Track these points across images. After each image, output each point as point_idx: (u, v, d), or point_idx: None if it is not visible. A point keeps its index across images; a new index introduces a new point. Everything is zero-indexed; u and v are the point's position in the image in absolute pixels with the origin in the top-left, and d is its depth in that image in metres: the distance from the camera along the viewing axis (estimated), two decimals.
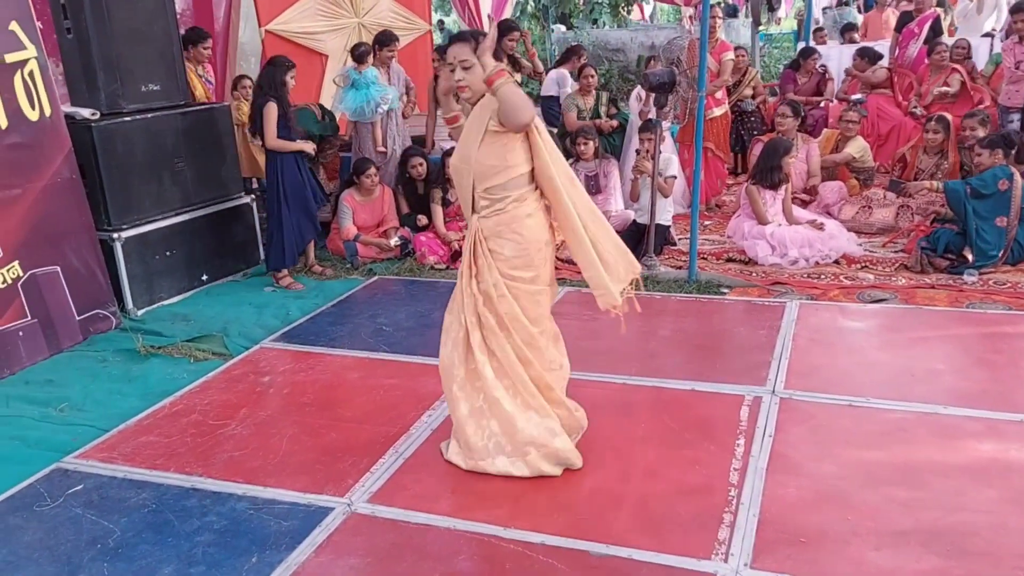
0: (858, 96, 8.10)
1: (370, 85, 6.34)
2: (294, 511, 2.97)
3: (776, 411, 3.52)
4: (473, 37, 2.94)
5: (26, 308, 4.39)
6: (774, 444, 3.26)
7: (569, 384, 3.28)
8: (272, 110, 5.24)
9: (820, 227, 5.74)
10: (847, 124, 6.88)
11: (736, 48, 7.62)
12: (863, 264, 5.49)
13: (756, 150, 6.62)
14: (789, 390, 3.71)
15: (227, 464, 3.32)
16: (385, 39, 6.68)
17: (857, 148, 6.89)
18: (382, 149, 6.57)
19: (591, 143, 6.40)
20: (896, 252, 5.70)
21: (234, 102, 6.48)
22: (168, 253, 5.30)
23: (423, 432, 3.49)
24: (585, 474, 3.12)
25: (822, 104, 8.32)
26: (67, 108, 4.89)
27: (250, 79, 6.55)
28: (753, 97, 7.99)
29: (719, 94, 6.83)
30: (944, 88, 7.46)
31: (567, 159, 6.67)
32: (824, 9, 14.94)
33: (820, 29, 11.56)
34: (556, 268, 5.56)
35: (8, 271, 4.31)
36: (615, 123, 7.32)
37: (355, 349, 4.45)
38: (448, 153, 5.73)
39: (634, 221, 6.04)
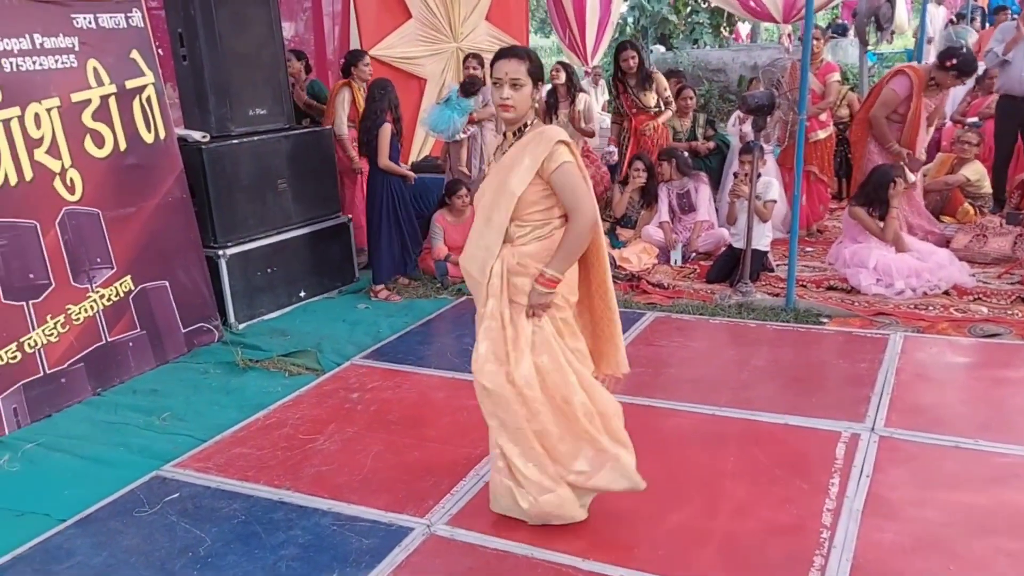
0: (974, 120, 7.70)
1: (455, 109, 6.50)
2: (375, 529, 3.01)
3: (875, 450, 3.35)
4: (527, 55, 2.77)
5: (136, 320, 4.63)
6: (871, 485, 3.10)
7: (655, 413, 3.19)
8: (388, 131, 5.49)
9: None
10: (963, 146, 6.55)
11: None
12: (976, 296, 5.18)
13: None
14: (890, 428, 3.53)
15: (314, 479, 3.39)
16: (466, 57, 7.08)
17: (973, 171, 6.54)
18: (465, 170, 6.70)
19: (664, 163, 6.43)
20: (1012, 284, 5.35)
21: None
22: (269, 270, 5.49)
23: None
24: (670, 508, 3.04)
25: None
26: (179, 131, 5.14)
27: None
28: (852, 117, 7.68)
29: (823, 116, 6.62)
30: None
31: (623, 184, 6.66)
32: (945, 25, 14.26)
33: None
34: (645, 292, 5.61)
35: (121, 285, 4.55)
36: (711, 144, 7.20)
37: (442, 369, 4.49)
38: None
39: (730, 246, 5.91)
